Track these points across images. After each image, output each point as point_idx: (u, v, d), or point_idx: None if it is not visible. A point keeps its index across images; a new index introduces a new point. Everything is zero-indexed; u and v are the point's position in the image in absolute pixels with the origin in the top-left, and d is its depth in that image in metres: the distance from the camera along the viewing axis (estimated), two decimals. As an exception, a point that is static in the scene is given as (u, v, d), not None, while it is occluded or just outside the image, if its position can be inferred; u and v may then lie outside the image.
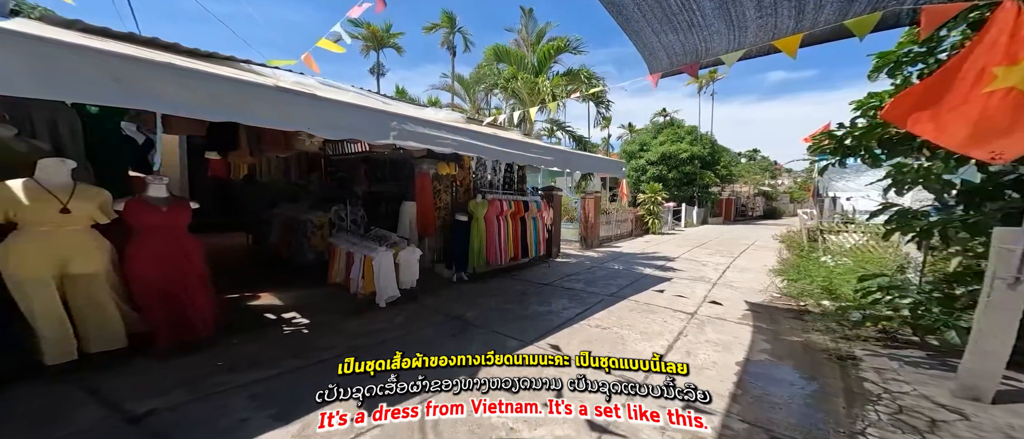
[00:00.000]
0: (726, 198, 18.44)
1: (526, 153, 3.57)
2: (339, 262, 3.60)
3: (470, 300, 3.98)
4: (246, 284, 3.84)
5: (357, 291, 3.40)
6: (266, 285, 3.84)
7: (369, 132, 2.23)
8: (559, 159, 4.14)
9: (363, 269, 3.34)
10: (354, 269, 3.41)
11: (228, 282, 3.77)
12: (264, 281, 3.99)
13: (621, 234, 10.37)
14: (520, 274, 5.40)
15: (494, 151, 3.11)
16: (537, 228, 5.88)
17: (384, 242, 3.67)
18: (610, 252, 7.99)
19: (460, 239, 4.75)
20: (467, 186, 5.42)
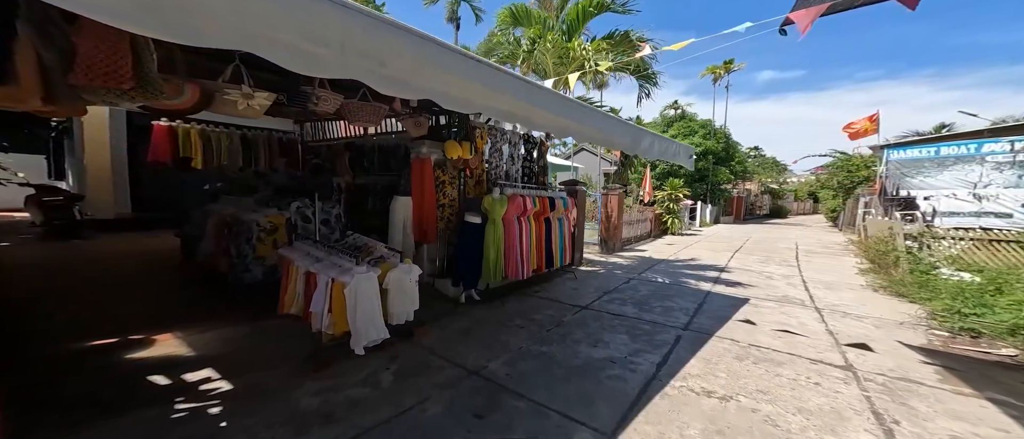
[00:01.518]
0: (737, 196, 17.63)
1: (602, 128, 2.41)
2: (295, 284, 2.35)
3: (490, 337, 2.79)
4: (147, 315, 2.58)
5: (322, 330, 2.16)
6: (179, 317, 2.58)
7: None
8: (629, 138, 2.98)
9: (329, 299, 2.10)
10: (317, 297, 2.16)
11: (117, 311, 2.49)
12: (180, 310, 2.73)
13: (640, 235, 9.28)
14: (544, 291, 4.21)
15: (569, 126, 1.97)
16: (563, 232, 4.70)
17: (365, 257, 2.44)
18: (637, 257, 6.88)
19: (471, 247, 3.53)
20: (479, 177, 4.20)
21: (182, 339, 2.26)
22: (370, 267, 2.24)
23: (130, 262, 3.76)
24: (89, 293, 2.89)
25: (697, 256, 7.11)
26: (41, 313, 2.54)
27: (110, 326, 2.40)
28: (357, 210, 5.46)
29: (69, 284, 3.09)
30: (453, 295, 3.64)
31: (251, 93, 2.22)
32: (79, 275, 3.31)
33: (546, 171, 5.27)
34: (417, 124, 3.84)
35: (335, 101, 2.94)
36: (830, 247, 8.85)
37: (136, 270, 3.56)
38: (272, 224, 2.77)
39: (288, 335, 2.38)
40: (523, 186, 4.44)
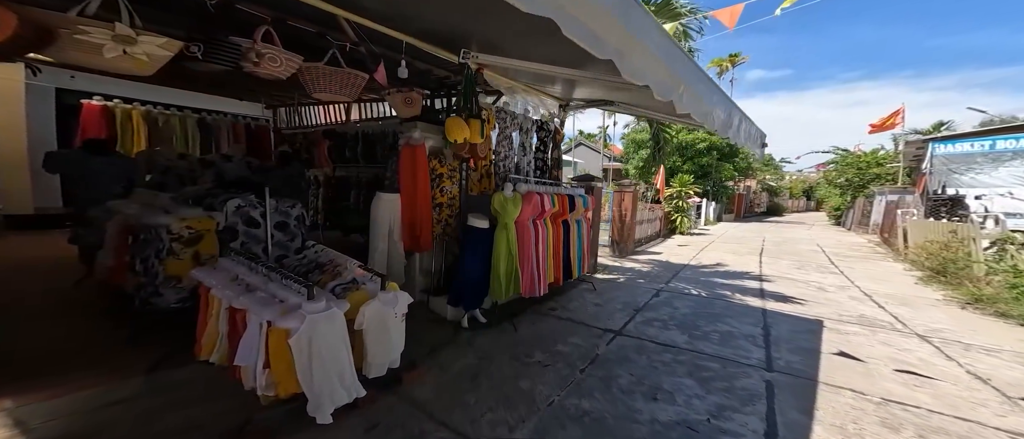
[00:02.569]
0: (739, 193, 17.29)
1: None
2: (216, 322, 1.53)
3: (506, 383, 2.05)
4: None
5: (257, 390, 1.36)
6: (44, 362, 1.71)
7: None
8: (725, 114, 2.28)
9: (265, 350, 1.30)
10: (245, 345, 1.35)
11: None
12: (53, 349, 1.84)
13: (649, 236, 8.64)
14: (561, 307, 3.48)
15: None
16: (582, 236, 3.96)
17: (327, 281, 1.65)
18: (655, 262, 6.21)
19: (476, 258, 2.76)
20: (486, 170, 3.40)
21: (25, 406, 1.39)
22: (331, 300, 1.44)
23: (16, 275, 2.80)
24: None
25: (721, 261, 6.49)
26: None
27: None
28: (339, 208, 4.60)
29: None
30: (452, 317, 2.86)
31: (132, 35, 1.36)
32: None
33: (560, 164, 4.50)
34: (408, 101, 3.00)
35: (288, 63, 2.07)
36: (856, 249, 8.38)
37: (18, 288, 2.60)
38: (193, 231, 1.92)
39: (206, 394, 1.57)
40: (535, 180, 3.67)
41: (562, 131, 4.54)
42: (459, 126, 2.61)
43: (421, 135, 2.93)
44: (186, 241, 1.92)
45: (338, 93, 2.40)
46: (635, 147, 14.97)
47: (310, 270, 1.82)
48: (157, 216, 1.90)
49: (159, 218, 1.89)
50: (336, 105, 5.71)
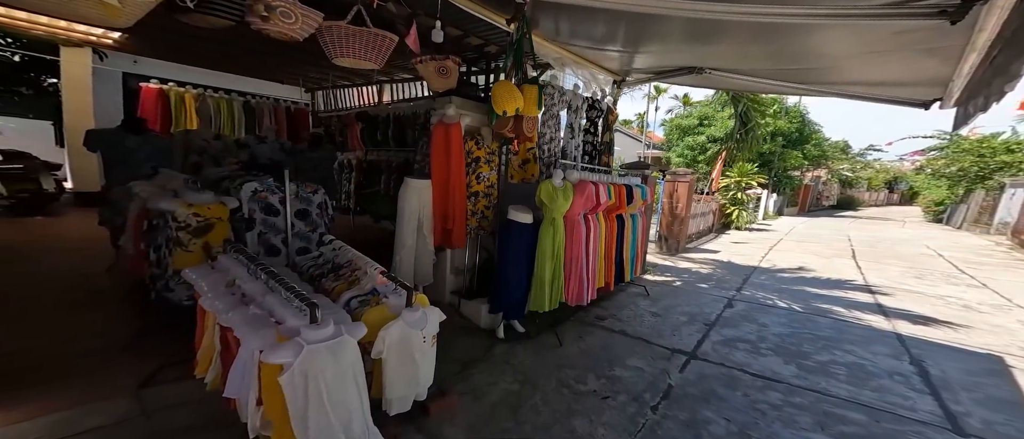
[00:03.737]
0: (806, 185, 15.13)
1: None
2: (210, 338, 1.25)
3: (557, 422, 1.64)
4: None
5: (253, 431, 1.05)
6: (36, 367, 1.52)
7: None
8: None
9: (257, 386, 0.97)
10: (236, 373, 1.04)
11: None
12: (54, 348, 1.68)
13: (701, 231, 7.67)
14: (611, 316, 2.97)
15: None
16: (637, 233, 3.36)
17: (340, 291, 1.30)
18: (713, 262, 5.40)
19: (517, 257, 2.32)
20: (529, 155, 2.91)
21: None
22: (343, 323, 1.08)
23: (55, 257, 2.82)
24: None
25: (803, 264, 5.49)
26: None
27: None
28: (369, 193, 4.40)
29: None
30: (486, 325, 2.48)
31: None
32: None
33: (611, 149, 3.86)
34: (442, 71, 2.56)
35: (305, 20, 1.72)
36: (985, 253, 6.83)
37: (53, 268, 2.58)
38: (201, 219, 1.67)
39: (195, 423, 1.31)
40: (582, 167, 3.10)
41: (616, 111, 3.88)
42: (510, 93, 2.11)
43: (456, 112, 2.49)
44: (194, 231, 1.67)
45: (363, 58, 2.01)
46: (679, 134, 13.45)
47: (325, 274, 1.49)
48: (165, 200, 1.67)
49: (166, 203, 1.66)
50: (369, 86, 5.51)
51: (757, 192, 9.79)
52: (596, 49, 3.10)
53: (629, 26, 2.53)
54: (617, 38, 2.86)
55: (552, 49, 2.97)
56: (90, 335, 1.79)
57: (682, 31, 2.49)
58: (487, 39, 3.17)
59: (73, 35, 3.77)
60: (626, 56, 3.27)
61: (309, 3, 1.73)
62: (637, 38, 2.82)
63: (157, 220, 1.75)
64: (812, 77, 3.03)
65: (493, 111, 2.16)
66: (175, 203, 1.64)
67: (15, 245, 3.06)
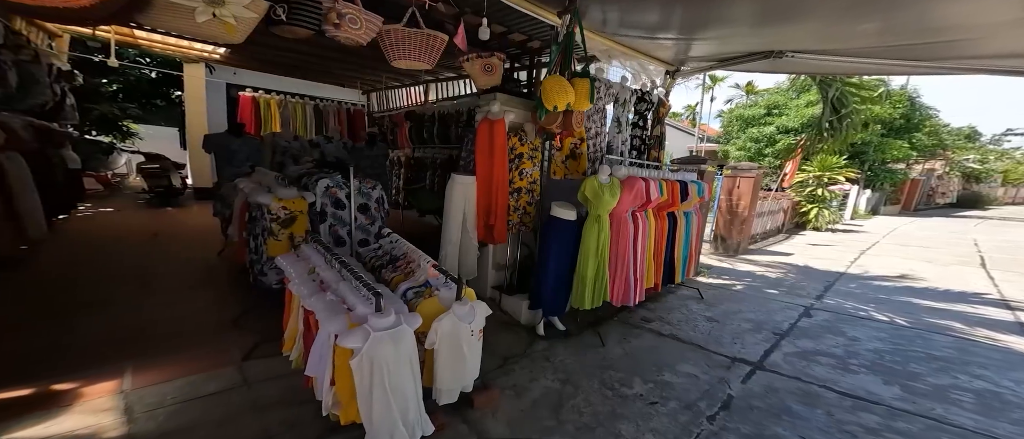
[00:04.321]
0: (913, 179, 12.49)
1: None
2: (295, 320, 1.46)
3: (602, 425, 1.62)
4: (129, 331, 1.85)
5: (326, 408, 1.22)
6: (161, 338, 1.84)
7: None
8: None
9: (331, 367, 1.12)
10: (315, 353, 1.22)
11: (83, 326, 1.87)
12: (176, 321, 2.02)
13: (768, 231, 6.80)
14: (659, 318, 2.80)
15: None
16: (691, 232, 3.10)
17: (398, 282, 1.42)
18: (784, 266, 4.78)
19: (559, 255, 2.30)
20: (572, 151, 2.84)
21: (136, 391, 1.48)
22: (402, 313, 1.18)
23: (181, 242, 3.47)
24: (98, 284, 2.40)
25: (908, 271, 4.62)
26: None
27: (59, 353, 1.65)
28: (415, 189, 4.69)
29: (91, 268, 2.70)
30: (527, 321, 2.52)
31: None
32: (117, 255, 3.01)
33: (662, 143, 3.59)
34: (487, 68, 2.61)
35: (369, 23, 1.88)
36: None
37: (175, 253, 3.11)
38: (288, 212, 1.95)
39: (283, 397, 1.51)
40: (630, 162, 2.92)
41: (668, 103, 3.58)
42: (561, 88, 2.07)
43: (500, 108, 2.52)
44: (282, 222, 1.96)
45: (418, 59, 2.14)
46: (741, 125, 11.92)
47: (384, 265, 1.64)
48: (262, 195, 1.98)
49: (263, 197, 1.95)
50: (417, 86, 5.80)
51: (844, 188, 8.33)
52: (648, 38, 2.88)
53: (687, 11, 2.30)
54: (672, 25, 2.62)
55: (600, 41, 2.83)
56: (207, 310, 2.18)
57: (752, 13, 2.20)
58: (531, 34, 3.12)
59: (192, 53, 4.59)
60: (682, 44, 2.98)
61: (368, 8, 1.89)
62: (696, 24, 2.55)
63: (255, 212, 2.07)
64: (938, 53, 2.45)
65: (542, 106, 2.13)
66: (269, 197, 1.93)
67: (157, 230, 3.87)
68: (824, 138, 5.93)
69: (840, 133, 5.63)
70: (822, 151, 7.15)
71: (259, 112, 5.82)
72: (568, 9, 2.09)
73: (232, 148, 3.47)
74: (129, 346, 1.77)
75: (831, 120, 5.73)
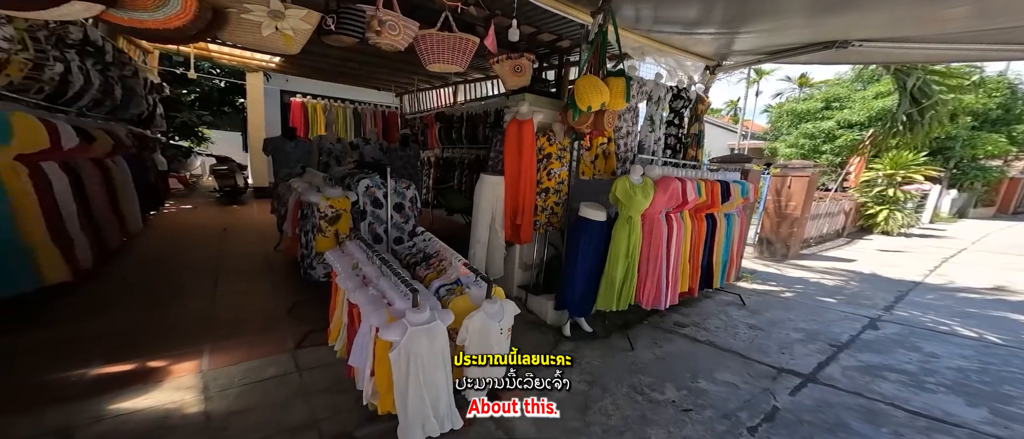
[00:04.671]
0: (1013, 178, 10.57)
1: None
2: (340, 312, 1.60)
3: (630, 429, 1.59)
4: (200, 319, 2.08)
5: (366, 397, 1.34)
6: (227, 326, 2.03)
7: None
8: None
9: (372, 358, 1.23)
10: (358, 345, 1.33)
11: (168, 311, 2.14)
12: (236, 309, 2.24)
13: (825, 235, 6.13)
14: (694, 324, 2.66)
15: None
16: (732, 235, 2.91)
17: (431, 279, 1.50)
18: (843, 273, 4.31)
19: (586, 255, 2.27)
20: (602, 150, 2.78)
21: (211, 371, 1.67)
22: (436, 309, 1.25)
23: (243, 236, 3.83)
24: (177, 273, 2.73)
25: (1005, 283, 4.02)
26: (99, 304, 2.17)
27: (151, 336, 1.88)
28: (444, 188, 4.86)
29: (173, 256, 3.11)
30: (553, 322, 2.52)
31: (281, 10, 1.38)
32: (195, 247, 3.40)
33: (701, 142, 3.38)
34: (517, 69, 2.62)
35: (407, 29, 1.98)
36: None
37: (237, 249, 3.44)
38: (334, 210, 2.13)
39: (330, 385, 1.64)
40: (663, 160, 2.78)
41: (707, 100, 3.36)
42: (595, 88, 2.02)
43: (529, 109, 2.53)
44: (329, 219, 2.14)
45: (451, 61, 2.21)
46: (792, 120, 10.78)
47: (418, 262, 1.74)
48: (312, 194, 2.18)
49: (313, 196, 2.15)
50: (446, 88, 5.97)
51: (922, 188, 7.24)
52: (685, 34, 2.72)
53: (731, 5, 2.14)
54: (713, 20, 2.45)
55: (632, 38, 2.73)
56: (266, 300, 2.43)
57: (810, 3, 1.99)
58: (560, 34, 3.09)
59: (253, 63, 5.12)
60: (724, 38, 2.78)
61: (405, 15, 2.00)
62: (741, 17, 2.37)
63: (306, 210, 2.29)
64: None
65: (575, 106, 2.11)
66: (318, 196, 2.13)
67: (226, 225, 4.40)
68: (899, 132, 5.19)
69: (921, 127, 4.89)
70: (896, 147, 6.27)
71: (307, 116, 6.34)
72: (602, 8, 2.04)
73: (286, 150, 3.84)
74: (206, 330, 2.02)
75: (910, 113, 4.98)
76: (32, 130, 1.79)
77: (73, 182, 2.16)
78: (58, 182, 2.02)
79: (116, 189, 2.82)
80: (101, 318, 2.03)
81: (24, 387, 1.46)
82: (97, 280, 2.44)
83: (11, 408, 1.36)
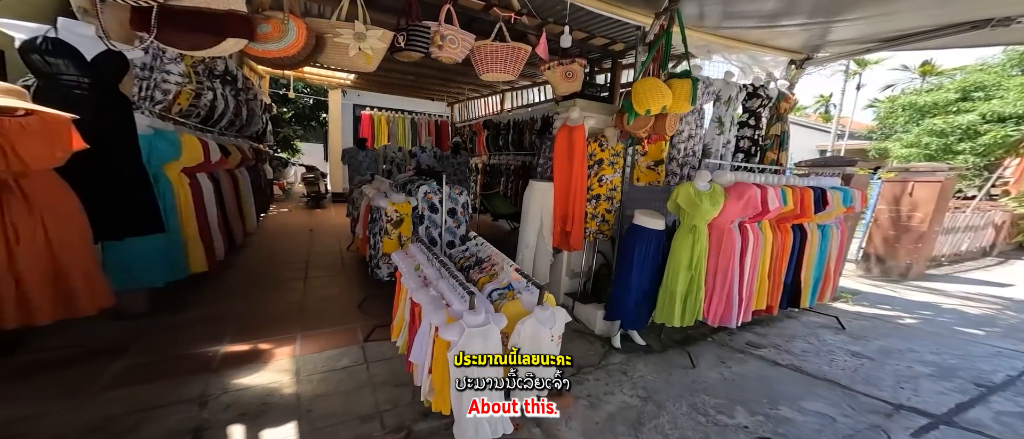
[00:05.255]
0: None
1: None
2: (403, 310, 1.76)
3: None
4: (296, 308, 2.39)
5: (424, 393, 1.45)
6: (313, 316, 2.30)
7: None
8: None
9: (431, 356, 1.32)
10: (418, 343, 1.45)
11: (272, 303, 2.47)
12: (319, 301, 2.53)
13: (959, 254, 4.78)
14: (778, 350, 2.31)
15: None
16: (829, 249, 2.46)
17: (484, 282, 1.56)
18: (994, 300, 3.37)
19: (641, 265, 2.13)
20: (661, 156, 2.59)
21: (301, 357, 1.90)
22: (490, 312, 1.30)
23: (324, 238, 4.25)
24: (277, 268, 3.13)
25: None
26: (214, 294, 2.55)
27: (260, 325, 2.17)
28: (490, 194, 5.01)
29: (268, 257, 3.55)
30: (601, 332, 2.41)
31: (363, 32, 1.59)
32: (290, 245, 3.89)
33: (784, 144, 2.94)
34: (568, 75, 2.61)
35: (464, 42, 2.12)
36: None
37: (318, 248, 3.85)
38: (399, 214, 2.36)
39: (393, 378, 1.77)
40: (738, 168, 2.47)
41: (792, 97, 2.91)
42: (655, 90, 1.89)
43: (580, 114, 2.48)
44: (394, 223, 2.37)
45: (504, 70, 2.29)
46: (911, 115, 8.66)
47: (471, 265, 1.82)
48: (381, 199, 2.44)
49: (381, 201, 2.41)
50: (494, 96, 6.14)
51: None
52: (764, 27, 2.41)
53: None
54: (799, 9, 2.13)
55: (697, 36, 2.51)
56: (342, 295, 2.74)
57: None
58: (613, 38, 2.98)
59: (333, 81, 5.92)
60: (816, 29, 2.40)
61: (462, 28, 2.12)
62: (837, 5, 2.01)
63: (375, 214, 2.57)
64: None
65: (631, 110, 2.01)
66: (385, 201, 2.37)
67: (312, 226, 5.15)
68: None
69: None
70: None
71: (374, 127, 7.10)
72: (667, 9, 1.91)
73: (359, 159, 4.39)
74: (298, 318, 2.29)
75: None
76: (193, 147, 2.33)
77: (214, 189, 2.75)
78: (205, 189, 2.59)
79: (241, 195, 3.50)
80: (228, 303, 2.49)
81: (180, 357, 1.85)
82: (225, 271, 3.00)
83: (170, 374, 1.71)
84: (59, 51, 1.55)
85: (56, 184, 1.43)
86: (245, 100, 3.69)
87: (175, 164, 2.25)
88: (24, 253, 1.34)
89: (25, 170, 1.31)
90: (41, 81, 1.59)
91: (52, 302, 1.42)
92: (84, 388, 1.54)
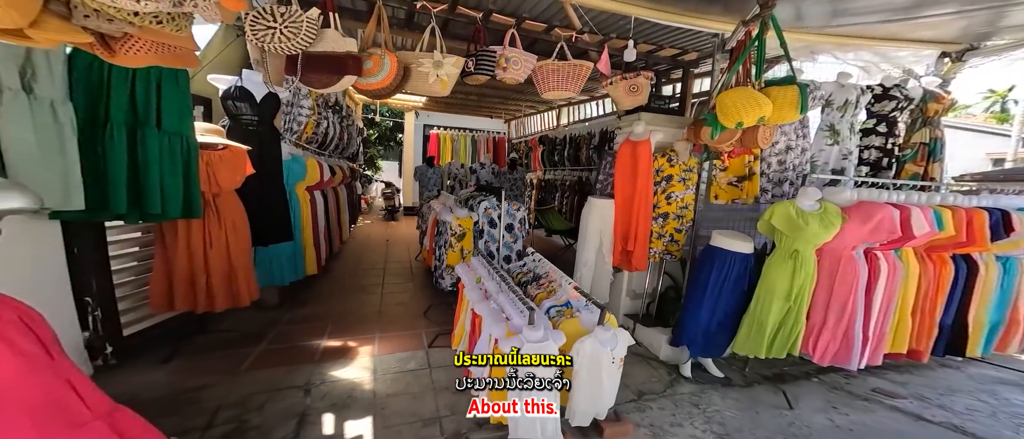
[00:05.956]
0: None
1: None
2: (463, 319, 1.84)
3: None
4: (374, 311, 2.63)
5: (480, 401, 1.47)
6: (388, 318, 2.54)
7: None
8: None
9: (489, 367, 1.35)
10: (478, 352, 1.49)
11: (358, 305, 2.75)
12: (391, 304, 2.80)
13: None
14: (922, 402, 1.78)
15: None
16: (1012, 290, 1.79)
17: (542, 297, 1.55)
18: None
19: (722, 291, 1.86)
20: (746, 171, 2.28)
21: (377, 356, 2.09)
22: (548, 329, 1.28)
23: (397, 248, 4.62)
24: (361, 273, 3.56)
25: None
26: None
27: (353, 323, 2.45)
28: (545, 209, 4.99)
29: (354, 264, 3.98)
30: (667, 358, 2.15)
31: (441, 61, 1.80)
32: (371, 253, 4.31)
33: (936, 153, 2.31)
34: (632, 89, 2.51)
35: (527, 62, 2.20)
36: None
37: (395, 255, 4.22)
38: (462, 228, 2.52)
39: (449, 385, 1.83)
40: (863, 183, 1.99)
41: (946, 97, 2.29)
42: (750, 101, 1.62)
43: (646, 128, 2.35)
44: (457, 236, 2.54)
45: (565, 88, 2.30)
46: None
47: (529, 281, 1.83)
48: (447, 214, 2.65)
49: (447, 216, 2.62)
50: (550, 112, 6.19)
51: None
52: (897, 21, 1.97)
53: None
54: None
55: (795, 37, 2.18)
56: (410, 301, 2.99)
57: None
58: (684, 47, 2.79)
59: (408, 105, 6.71)
60: (980, 15, 1.87)
61: (524, 48, 2.21)
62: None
63: (441, 227, 2.80)
64: None
65: (717, 124, 1.79)
66: (450, 216, 2.57)
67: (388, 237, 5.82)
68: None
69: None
70: None
71: (440, 145, 7.80)
72: (760, 14, 1.71)
73: (428, 176, 4.88)
74: (376, 321, 2.53)
75: None
76: (315, 169, 2.89)
77: (324, 204, 3.34)
78: (318, 204, 3.18)
79: (341, 208, 4.19)
80: (328, 303, 2.80)
81: (297, 347, 2.17)
82: (326, 274, 3.40)
83: (289, 361, 1.97)
84: (242, 96, 2.15)
85: (235, 201, 1.95)
86: (346, 126, 4.44)
87: (301, 184, 2.82)
88: (214, 255, 1.85)
89: (219, 191, 1.81)
90: (231, 121, 2.19)
91: (225, 294, 1.93)
92: (235, 366, 1.90)
